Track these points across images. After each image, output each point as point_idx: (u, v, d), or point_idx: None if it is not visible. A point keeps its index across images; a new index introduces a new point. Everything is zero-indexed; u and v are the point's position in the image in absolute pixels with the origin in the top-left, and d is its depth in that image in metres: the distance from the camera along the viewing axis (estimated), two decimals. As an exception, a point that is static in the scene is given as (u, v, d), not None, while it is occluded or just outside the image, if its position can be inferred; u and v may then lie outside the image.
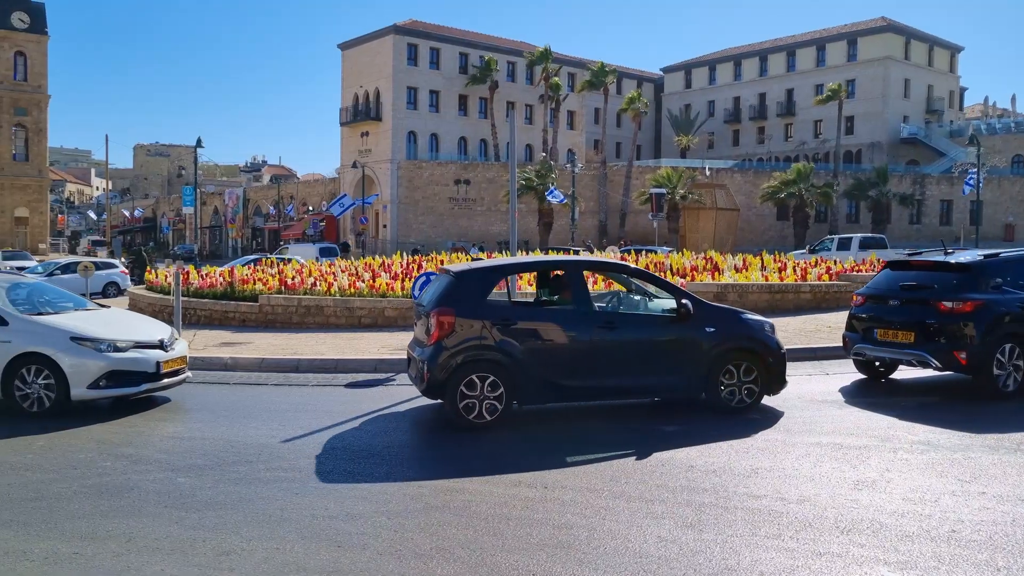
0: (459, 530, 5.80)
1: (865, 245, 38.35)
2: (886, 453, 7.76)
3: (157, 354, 10.39)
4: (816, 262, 23.69)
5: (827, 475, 7.05)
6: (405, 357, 13.18)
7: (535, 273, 11.55)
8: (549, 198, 50.32)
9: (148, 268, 31.35)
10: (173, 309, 16.22)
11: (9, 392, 9.84)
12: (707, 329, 9.42)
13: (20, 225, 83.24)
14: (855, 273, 22.04)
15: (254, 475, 7.25)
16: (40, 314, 10.61)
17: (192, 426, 9.52)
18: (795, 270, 21.91)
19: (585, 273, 10.35)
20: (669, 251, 33.33)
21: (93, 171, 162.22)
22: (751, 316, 10.11)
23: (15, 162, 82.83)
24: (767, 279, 20.67)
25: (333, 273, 21.39)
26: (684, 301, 9.41)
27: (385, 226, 64.47)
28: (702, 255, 26.36)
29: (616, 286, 12.10)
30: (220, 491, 6.77)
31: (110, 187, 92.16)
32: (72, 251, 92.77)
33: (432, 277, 11.28)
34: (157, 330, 11.08)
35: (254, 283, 20.23)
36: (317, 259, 32.10)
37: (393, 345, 14.89)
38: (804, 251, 39.18)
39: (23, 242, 78.96)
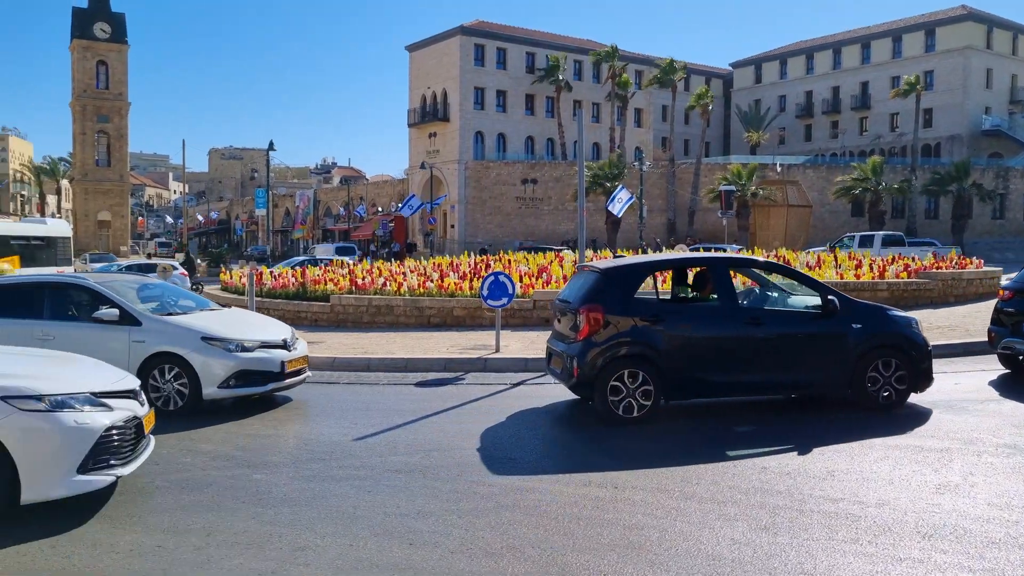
0: (529, 529, 5.80)
1: (887, 242, 38.36)
2: (969, 456, 7.51)
3: (281, 354, 10.49)
4: (893, 259, 23.03)
5: (907, 478, 6.85)
6: (478, 357, 13.37)
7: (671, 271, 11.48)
8: (608, 208, 49.28)
9: (223, 270, 32.12)
10: (247, 309, 16.59)
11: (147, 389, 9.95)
12: (854, 325, 9.40)
13: (103, 228, 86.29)
14: (937, 271, 21.39)
15: (327, 472, 7.37)
16: (169, 314, 10.74)
17: (266, 424, 9.70)
18: (872, 268, 21.35)
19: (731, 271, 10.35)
20: (739, 249, 32.88)
21: (171, 175, 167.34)
22: (897, 312, 10.03)
23: (98, 168, 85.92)
24: (842, 277, 20.19)
25: (403, 273, 21.65)
26: (831, 297, 9.45)
27: (453, 226, 64.93)
28: (773, 253, 25.91)
29: (748, 283, 12.18)
30: (295, 488, 6.90)
31: (186, 190, 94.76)
32: (152, 253, 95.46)
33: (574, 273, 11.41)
34: (280, 330, 11.18)
35: (325, 283, 20.60)
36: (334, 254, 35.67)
37: (462, 344, 14.98)
38: (825, 248, 38.36)
39: (105, 244, 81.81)
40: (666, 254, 15.17)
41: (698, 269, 10.32)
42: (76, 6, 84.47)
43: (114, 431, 6.20)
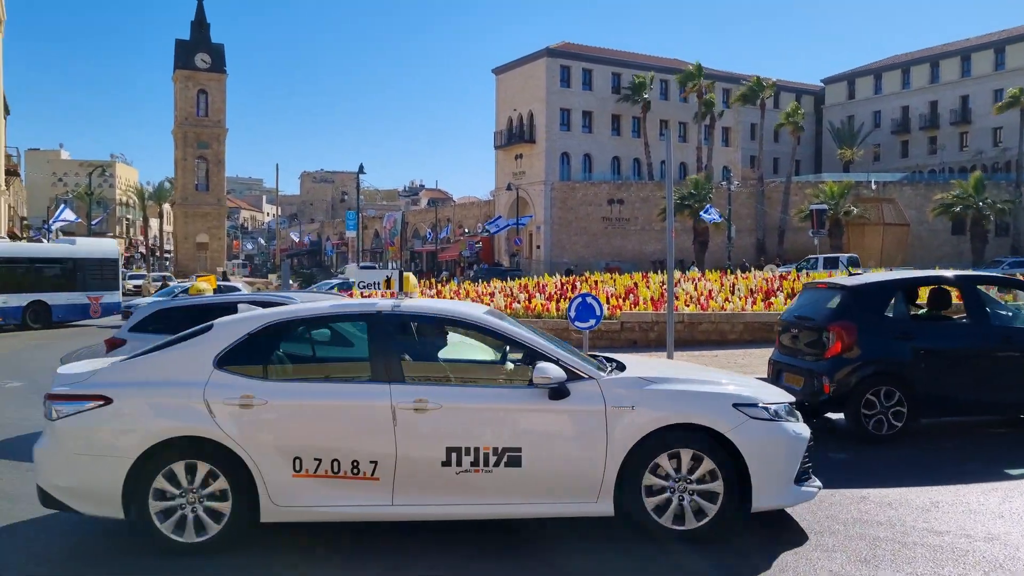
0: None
1: (854, 264, 38.03)
2: (1087, 490, 7.09)
3: None
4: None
5: (1019, 512, 6.51)
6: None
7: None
8: (703, 216, 49.23)
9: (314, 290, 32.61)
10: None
11: None
12: None
13: (201, 250, 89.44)
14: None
15: None
16: None
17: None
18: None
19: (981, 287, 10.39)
20: (833, 270, 32.04)
21: (264, 198, 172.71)
22: None
23: (197, 192, 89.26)
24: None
25: (490, 294, 21.76)
26: None
27: (539, 247, 65.12)
28: (868, 272, 25.13)
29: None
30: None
31: (279, 213, 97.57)
32: (251, 274, 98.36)
33: (810, 290, 11.05)
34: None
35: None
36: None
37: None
38: (791, 267, 37.62)
39: (203, 265, 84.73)
40: (902, 272, 14.89)
41: (940, 287, 10.19)
42: (179, 38, 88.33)
43: (811, 443, 6.10)
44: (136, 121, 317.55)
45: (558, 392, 5.62)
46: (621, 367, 6.22)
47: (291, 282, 57.91)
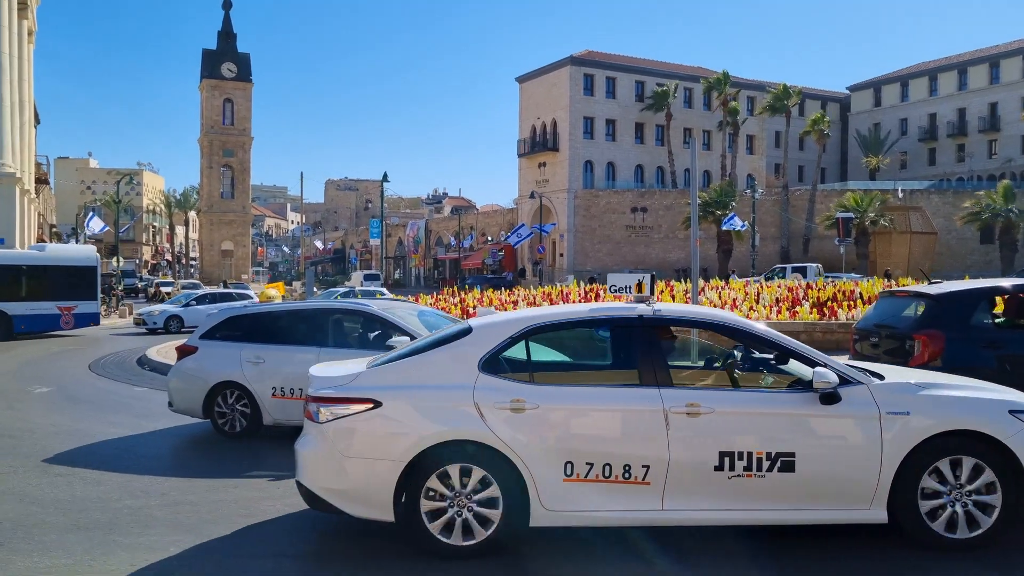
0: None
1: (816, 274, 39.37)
2: None
3: None
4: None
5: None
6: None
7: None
8: (726, 225, 48.88)
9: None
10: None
11: None
12: None
13: (226, 257, 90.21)
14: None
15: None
16: None
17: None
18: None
19: None
20: (858, 278, 31.67)
21: (288, 206, 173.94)
22: None
23: (222, 199, 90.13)
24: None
25: (514, 302, 21.72)
26: None
27: (562, 255, 65.05)
28: (895, 282, 24.86)
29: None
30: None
31: (304, 221, 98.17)
32: (275, 280, 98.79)
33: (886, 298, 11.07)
34: None
35: (438, 312, 20.81)
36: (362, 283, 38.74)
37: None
38: (759, 278, 37.43)
39: (228, 272, 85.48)
40: (999, 280, 14.52)
41: (1020, 295, 9.97)
42: (206, 48, 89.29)
43: None
44: (163, 130, 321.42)
45: (831, 397, 5.59)
46: (879, 375, 6.11)
47: (315, 289, 58.19)
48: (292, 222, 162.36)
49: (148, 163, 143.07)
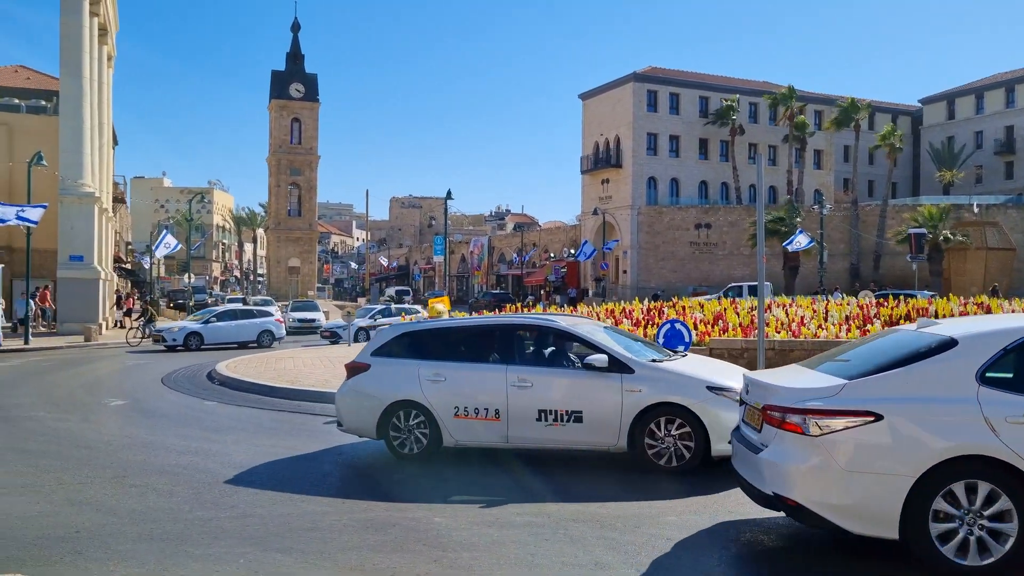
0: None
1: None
2: None
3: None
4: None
5: None
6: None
7: None
8: (788, 246, 47.33)
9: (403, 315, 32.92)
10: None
11: (638, 444, 9.16)
12: None
13: (293, 274, 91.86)
14: None
15: (506, 519, 7.35)
16: (654, 360, 9.71)
17: (443, 466, 9.80)
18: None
19: None
20: (931, 295, 30.76)
21: (354, 223, 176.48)
22: None
23: (289, 217, 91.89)
24: None
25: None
26: None
27: (625, 271, 64.69)
28: (971, 300, 24.08)
29: None
30: (473, 533, 6.92)
31: (369, 238, 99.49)
32: (337, 297, 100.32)
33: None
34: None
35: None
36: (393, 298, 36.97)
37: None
38: (718, 295, 36.86)
39: (295, 290, 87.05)
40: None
41: None
42: (275, 70, 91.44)
43: None
44: (233, 149, 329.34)
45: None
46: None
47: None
48: (357, 239, 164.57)
49: (218, 181, 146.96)
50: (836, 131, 68.24)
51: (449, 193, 53.30)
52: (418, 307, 38.64)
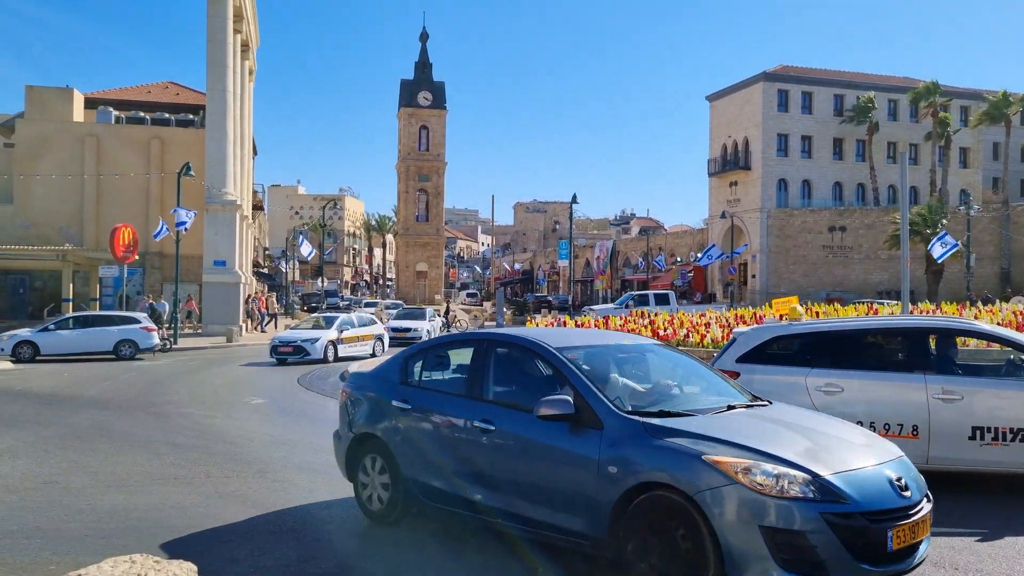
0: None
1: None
2: None
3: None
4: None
5: None
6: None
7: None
8: (933, 248, 44.42)
9: (528, 318, 33.10)
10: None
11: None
12: None
13: (420, 279, 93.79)
14: None
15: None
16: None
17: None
18: None
19: None
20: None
21: (479, 228, 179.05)
22: None
23: (417, 223, 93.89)
24: None
25: (706, 324, 21.18)
26: None
27: (754, 276, 63.02)
28: None
29: None
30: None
31: (494, 243, 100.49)
32: (469, 298, 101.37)
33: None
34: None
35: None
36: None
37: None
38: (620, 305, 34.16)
39: (422, 294, 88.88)
40: None
41: None
42: (404, 79, 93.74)
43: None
44: (363, 156, 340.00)
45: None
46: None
47: (504, 309, 59.45)
48: (483, 244, 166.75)
49: (349, 188, 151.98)
50: (985, 127, 64.39)
51: (574, 197, 53.43)
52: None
